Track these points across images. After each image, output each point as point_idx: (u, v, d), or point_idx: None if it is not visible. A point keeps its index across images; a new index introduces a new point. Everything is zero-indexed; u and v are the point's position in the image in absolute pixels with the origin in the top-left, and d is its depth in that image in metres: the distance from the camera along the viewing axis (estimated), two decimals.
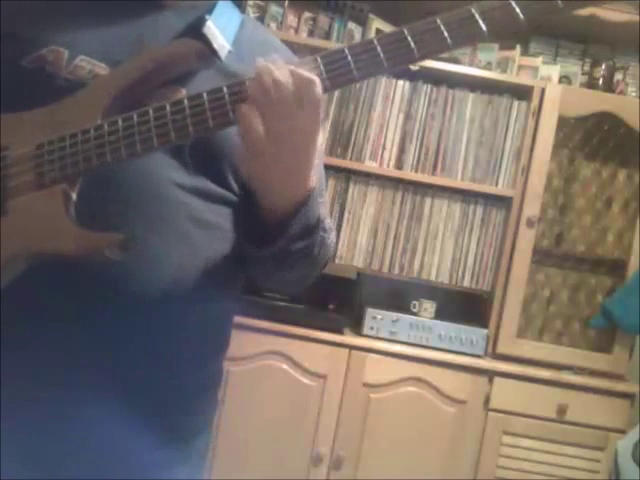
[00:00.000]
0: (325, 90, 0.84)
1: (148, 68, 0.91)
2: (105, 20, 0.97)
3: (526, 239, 2.50)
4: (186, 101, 0.85)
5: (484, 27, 0.83)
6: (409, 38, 0.84)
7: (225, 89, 0.85)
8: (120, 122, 0.85)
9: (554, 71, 2.62)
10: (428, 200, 2.57)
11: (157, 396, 0.96)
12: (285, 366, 2.37)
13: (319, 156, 0.90)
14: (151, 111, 0.85)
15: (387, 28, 2.66)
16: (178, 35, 0.97)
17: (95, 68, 0.93)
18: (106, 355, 0.92)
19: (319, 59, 0.85)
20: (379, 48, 0.84)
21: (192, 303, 0.96)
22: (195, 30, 0.95)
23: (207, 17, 0.96)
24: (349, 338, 2.42)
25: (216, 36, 0.96)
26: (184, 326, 0.97)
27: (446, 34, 0.84)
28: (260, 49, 1.02)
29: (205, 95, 0.85)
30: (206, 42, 0.94)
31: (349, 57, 0.84)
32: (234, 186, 1.00)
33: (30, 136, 0.87)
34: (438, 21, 0.84)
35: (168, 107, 0.85)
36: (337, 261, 2.54)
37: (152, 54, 0.92)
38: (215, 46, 0.95)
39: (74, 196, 0.86)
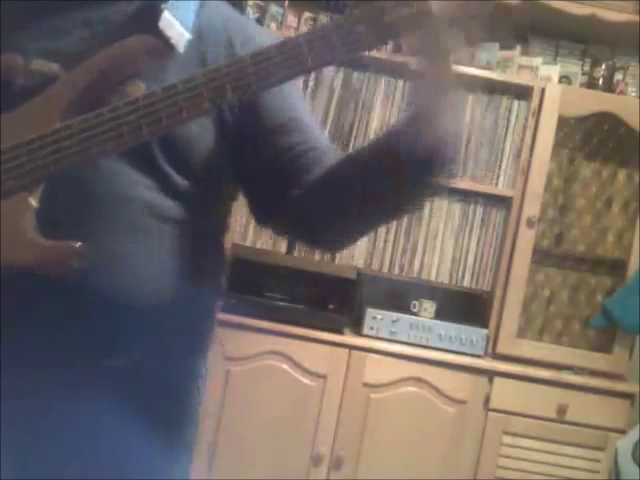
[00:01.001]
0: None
1: (103, 68, 0.89)
2: (55, 17, 0.95)
3: (526, 239, 2.50)
4: (140, 100, 0.83)
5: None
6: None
7: (179, 85, 0.83)
8: (75, 126, 0.83)
9: (554, 71, 2.61)
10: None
11: (144, 391, 0.97)
12: (285, 366, 2.37)
13: None
14: (105, 112, 0.83)
15: None
16: (133, 26, 0.94)
17: (51, 69, 0.91)
18: (90, 354, 0.93)
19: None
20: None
21: (170, 299, 0.96)
22: (151, 22, 0.92)
23: (163, 6, 0.93)
24: (349, 338, 2.42)
25: (173, 26, 0.93)
26: (165, 322, 0.97)
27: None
28: (223, 27, 1.01)
29: (160, 92, 0.83)
30: (162, 36, 0.92)
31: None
32: (200, 178, 0.98)
33: None
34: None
35: (122, 108, 0.83)
36: (337, 261, 2.54)
37: (106, 54, 0.90)
38: (172, 40, 0.92)
39: (34, 203, 0.85)
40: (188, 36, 0.94)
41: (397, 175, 0.90)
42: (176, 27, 0.93)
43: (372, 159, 0.93)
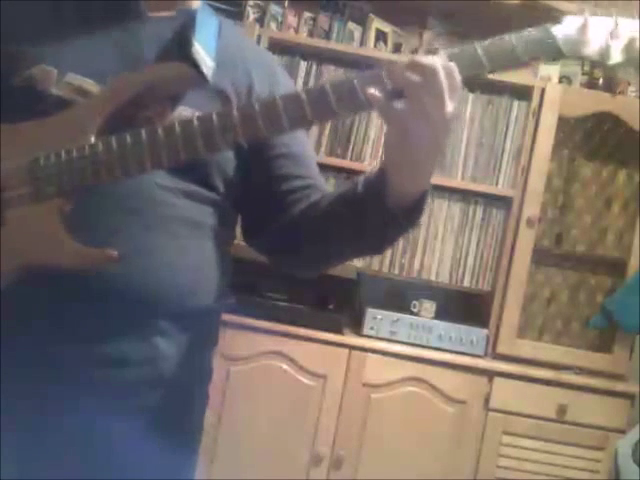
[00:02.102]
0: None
1: (139, 90, 0.92)
2: (89, 35, 0.99)
3: (526, 239, 2.50)
4: (177, 126, 0.87)
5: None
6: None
7: (214, 116, 0.87)
8: (114, 143, 0.87)
9: (554, 71, 2.61)
10: (428, 200, 2.56)
11: (150, 390, 0.97)
12: (285, 366, 2.37)
13: None
14: (144, 133, 0.87)
15: (387, 28, 2.66)
16: (164, 50, 0.99)
17: (83, 84, 0.94)
18: (100, 354, 0.93)
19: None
20: None
21: (183, 299, 0.98)
22: (183, 50, 0.97)
23: (192, 36, 0.98)
24: (349, 338, 2.42)
25: (202, 57, 0.98)
26: (176, 322, 0.98)
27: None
28: (239, 55, 1.06)
29: (196, 121, 0.87)
30: (194, 64, 0.97)
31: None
32: (220, 187, 1.02)
33: (21, 150, 0.88)
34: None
35: (160, 131, 0.87)
36: None
37: (144, 77, 0.94)
38: (203, 69, 0.97)
39: (68, 209, 0.88)
40: (213, 64, 0.99)
41: (375, 220, 0.95)
42: (204, 57, 0.98)
43: (350, 204, 0.99)
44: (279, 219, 1.06)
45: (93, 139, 0.89)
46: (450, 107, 0.84)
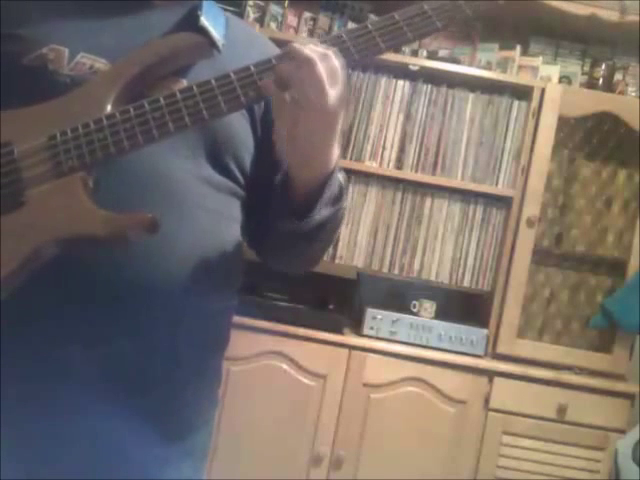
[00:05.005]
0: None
1: (151, 61, 0.93)
2: (100, 18, 0.99)
3: (526, 239, 2.50)
4: (195, 87, 0.88)
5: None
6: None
7: (232, 74, 0.88)
8: (132, 110, 0.87)
9: (554, 71, 2.62)
10: (428, 200, 2.57)
11: (157, 391, 0.97)
12: (285, 366, 2.37)
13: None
14: (162, 99, 0.87)
15: None
16: (174, 30, 0.99)
17: (96, 64, 0.94)
18: (106, 351, 0.93)
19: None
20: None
21: (196, 293, 0.97)
22: (192, 24, 0.97)
23: (200, 12, 0.98)
24: (349, 338, 2.43)
25: (211, 31, 0.98)
26: (186, 319, 0.97)
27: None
28: (248, 45, 1.06)
29: (214, 81, 0.88)
30: (205, 34, 0.97)
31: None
32: (240, 178, 1.02)
33: (37, 129, 0.88)
34: (425, 7, 0.92)
35: (178, 94, 0.88)
36: (337, 261, 2.54)
37: (155, 48, 0.94)
38: (214, 37, 0.97)
39: (91, 183, 0.87)
40: (222, 40, 0.99)
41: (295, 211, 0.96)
42: (212, 31, 0.98)
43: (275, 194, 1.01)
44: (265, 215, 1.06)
45: (109, 110, 0.88)
46: (332, 94, 0.85)
